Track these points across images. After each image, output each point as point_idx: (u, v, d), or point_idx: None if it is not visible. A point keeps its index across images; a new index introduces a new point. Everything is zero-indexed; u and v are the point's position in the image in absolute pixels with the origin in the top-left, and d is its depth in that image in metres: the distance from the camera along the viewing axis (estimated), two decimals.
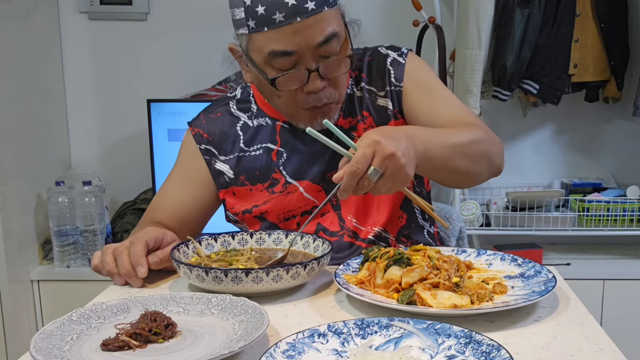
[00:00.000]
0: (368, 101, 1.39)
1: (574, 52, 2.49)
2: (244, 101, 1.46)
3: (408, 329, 0.90)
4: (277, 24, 1.20)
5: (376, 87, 1.40)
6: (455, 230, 1.69)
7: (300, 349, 0.86)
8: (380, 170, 1.05)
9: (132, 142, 2.84)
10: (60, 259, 2.60)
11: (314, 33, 1.21)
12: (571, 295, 1.09)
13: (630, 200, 2.55)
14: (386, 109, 1.39)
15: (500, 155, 1.31)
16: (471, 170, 1.25)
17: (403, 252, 1.09)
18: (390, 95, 1.39)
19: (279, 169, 1.40)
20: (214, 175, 1.43)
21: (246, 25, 1.23)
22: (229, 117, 1.45)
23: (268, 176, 1.41)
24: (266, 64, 1.24)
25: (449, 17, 2.64)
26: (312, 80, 1.24)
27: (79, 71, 2.83)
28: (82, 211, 2.57)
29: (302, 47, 1.21)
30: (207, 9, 2.76)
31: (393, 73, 1.39)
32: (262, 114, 1.43)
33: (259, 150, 1.42)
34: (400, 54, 1.40)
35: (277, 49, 1.21)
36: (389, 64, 1.40)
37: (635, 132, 2.77)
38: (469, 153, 1.23)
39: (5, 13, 2.45)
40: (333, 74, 1.27)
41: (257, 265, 1.16)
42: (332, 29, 1.23)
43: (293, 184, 1.40)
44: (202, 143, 1.43)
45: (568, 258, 2.64)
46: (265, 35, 1.22)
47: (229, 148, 1.43)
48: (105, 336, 0.92)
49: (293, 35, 1.20)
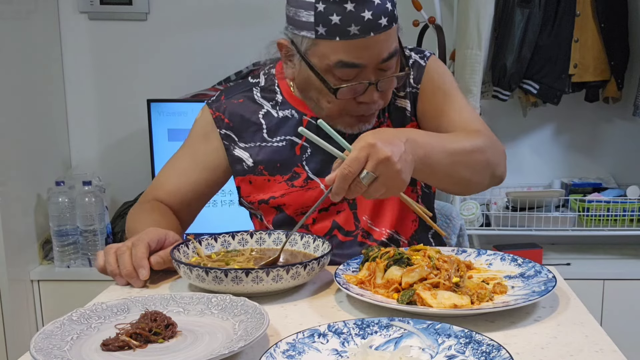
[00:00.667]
0: (389, 104, 1.38)
1: (574, 52, 2.49)
2: (268, 90, 1.43)
3: (408, 329, 0.90)
4: (351, 37, 1.20)
5: (396, 88, 1.38)
6: (456, 227, 1.69)
7: (300, 349, 0.86)
8: (373, 175, 1.03)
9: (132, 142, 2.84)
10: (61, 259, 2.60)
11: (382, 49, 1.23)
12: (571, 295, 1.09)
13: (630, 200, 2.55)
14: (405, 110, 1.39)
15: (502, 165, 1.31)
16: (471, 178, 1.25)
17: (403, 252, 1.09)
18: (409, 96, 1.39)
19: (302, 163, 1.39)
20: (232, 161, 1.42)
21: (314, 30, 1.22)
22: (252, 104, 1.42)
23: (289, 169, 1.39)
24: (328, 71, 1.24)
25: (449, 17, 2.64)
26: (370, 92, 1.26)
27: (79, 71, 2.83)
28: (82, 211, 2.57)
29: (369, 61, 1.23)
30: (207, 9, 2.76)
31: (412, 75, 1.39)
32: (288, 105, 1.41)
33: (283, 142, 1.40)
34: (422, 57, 1.40)
35: (346, 60, 1.22)
36: (410, 64, 1.39)
37: (635, 132, 2.77)
38: (470, 161, 1.23)
39: (5, 13, 2.45)
40: (388, 88, 1.29)
41: (255, 266, 1.16)
42: (395, 46, 1.26)
43: (315, 180, 1.39)
44: (223, 128, 1.42)
45: (568, 258, 2.64)
46: (335, 45, 1.21)
47: (249, 136, 1.41)
48: (106, 336, 0.92)
49: (363, 49, 1.21)
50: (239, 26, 2.75)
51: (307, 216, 1.17)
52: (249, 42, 2.66)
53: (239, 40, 2.75)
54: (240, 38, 2.74)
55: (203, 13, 2.76)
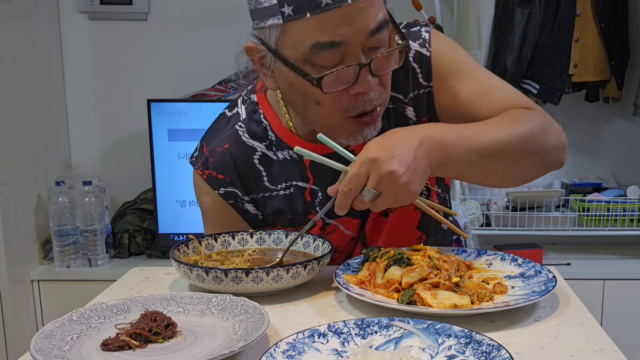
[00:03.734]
0: (395, 113, 1.19)
1: (574, 52, 2.49)
2: (255, 126, 1.22)
3: (408, 329, 0.90)
4: (323, 8, 0.97)
5: (401, 93, 1.18)
6: (461, 224, 1.68)
7: (301, 349, 0.86)
8: (375, 192, 0.96)
9: (132, 142, 2.84)
10: (61, 259, 2.60)
11: (366, 19, 1.00)
12: (571, 295, 1.09)
13: (630, 200, 2.55)
14: (409, 119, 1.19)
15: (559, 148, 1.13)
16: (511, 172, 1.11)
17: (403, 252, 1.09)
18: (414, 102, 1.18)
19: (316, 210, 1.22)
20: (246, 217, 1.25)
21: (280, 13, 1.00)
22: (242, 148, 1.21)
23: (303, 219, 1.23)
24: (305, 61, 1.02)
25: (449, 17, 2.64)
26: (363, 77, 1.02)
27: (79, 71, 2.83)
28: (82, 211, 2.57)
29: (352, 36, 1.00)
30: (207, 9, 2.76)
31: (419, 71, 1.17)
32: (283, 145, 1.20)
33: (290, 189, 1.22)
34: (422, 43, 1.17)
35: (323, 39, 0.99)
36: (411, 60, 1.17)
37: (635, 132, 2.77)
38: (508, 154, 1.07)
39: (5, 13, 2.45)
40: (385, 69, 1.06)
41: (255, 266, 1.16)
42: (383, 15, 1.03)
43: (332, 223, 1.24)
44: (221, 187, 1.22)
45: (568, 258, 2.63)
46: (306, 24, 0.99)
47: (252, 186, 1.23)
48: (106, 336, 0.92)
49: (342, 22, 0.98)
50: (239, 26, 2.74)
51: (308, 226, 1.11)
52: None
53: (239, 40, 2.74)
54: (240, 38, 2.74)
55: (203, 13, 2.76)
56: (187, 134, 2.53)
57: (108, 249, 2.67)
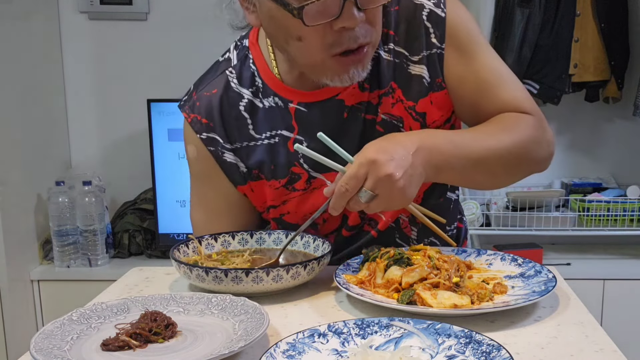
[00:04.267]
0: (399, 69, 1.13)
1: (574, 52, 2.49)
2: (244, 69, 1.18)
3: (408, 329, 0.90)
4: None
5: (408, 50, 1.12)
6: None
7: (301, 349, 0.86)
8: (372, 193, 0.96)
9: (132, 142, 2.84)
10: (61, 259, 2.60)
11: None
12: (571, 295, 1.09)
13: (630, 200, 2.55)
14: (421, 78, 1.12)
15: (547, 158, 1.15)
16: (499, 178, 1.13)
17: (403, 252, 1.09)
18: (427, 60, 1.12)
19: (299, 161, 1.17)
20: (226, 169, 1.20)
21: None
22: (230, 94, 1.18)
23: (286, 171, 1.18)
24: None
25: None
26: (347, 11, 0.96)
27: (79, 71, 2.83)
28: (82, 211, 2.57)
29: None
30: (207, 9, 2.75)
31: (433, 31, 1.11)
32: (270, 92, 1.16)
33: (274, 138, 1.17)
34: (437, 3, 1.12)
35: None
36: (425, 18, 1.12)
37: (635, 132, 2.77)
38: (499, 164, 1.08)
39: (5, 13, 2.45)
40: (373, 4, 0.99)
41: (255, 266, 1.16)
42: None
43: (318, 177, 1.18)
44: (203, 131, 1.19)
45: (568, 258, 2.63)
46: None
47: (235, 135, 1.18)
48: (106, 336, 0.92)
49: None
50: None
51: (304, 226, 1.10)
52: None
53: None
54: None
55: (203, 13, 2.76)
56: None
57: (108, 249, 2.67)
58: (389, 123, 1.15)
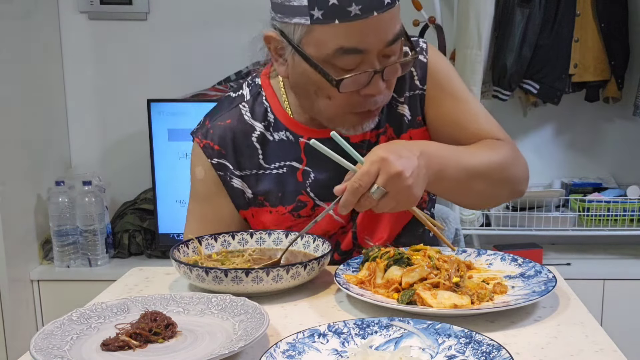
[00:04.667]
0: (389, 110, 1.27)
1: (574, 52, 2.49)
2: (258, 106, 1.29)
3: (408, 329, 0.90)
4: (352, 18, 1.05)
5: (396, 92, 1.25)
6: (451, 232, 1.68)
7: (301, 349, 0.86)
8: (383, 190, 1.00)
9: (132, 142, 2.84)
10: (61, 259, 2.60)
11: (387, 30, 1.09)
12: (571, 295, 1.09)
13: (630, 200, 2.55)
14: (403, 117, 1.27)
15: (524, 180, 1.25)
16: (488, 195, 1.21)
17: (403, 252, 1.09)
18: (409, 100, 1.27)
19: (306, 190, 1.27)
20: (232, 194, 1.29)
21: (308, 15, 1.06)
22: (242, 126, 1.28)
23: (293, 199, 1.28)
24: (327, 61, 1.09)
25: (449, 17, 2.64)
26: (375, 82, 1.11)
27: (79, 71, 2.83)
28: (82, 211, 2.57)
29: (373, 45, 1.08)
30: (207, 9, 2.76)
31: (416, 75, 1.26)
32: (281, 127, 1.27)
33: (283, 168, 1.28)
34: (419, 51, 1.26)
35: (347, 45, 1.07)
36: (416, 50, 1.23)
37: (635, 132, 2.77)
38: (489, 178, 1.17)
39: (5, 13, 2.45)
40: (394, 76, 1.15)
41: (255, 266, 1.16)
42: (400, 27, 1.12)
43: (322, 206, 1.28)
44: (214, 157, 1.28)
45: (568, 258, 2.63)
46: (333, 29, 1.06)
47: (245, 163, 1.28)
48: (105, 336, 0.92)
49: (366, 32, 1.07)
50: (239, 26, 2.74)
51: (309, 226, 1.13)
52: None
53: (239, 40, 2.74)
54: (240, 38, 2.74)
55: (203, 13, 2.76)
56: (187, 134, 2.50)
57: (108, 249, 2.67)
58: None
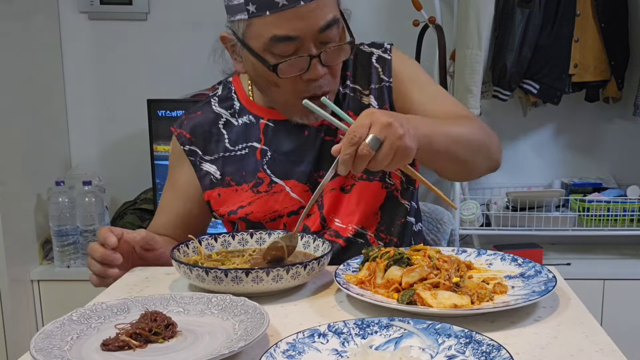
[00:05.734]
0: (353, 100, 1.38)
1: (574, 52, 2.49)
2: (226, 98, 1.44)
3: (408, 329, 0.90)
4: (280, 8, 1.18)
5: (361, 86, 1.38)
6: (446, 233, 1.68)
7: (301, 349, 0.86)
8: (379, 138, 1.03)
9: (132, 142, 2.84)
10: (61, 259, 2.60)
11: (317, 17, 1.20)
12: (571, 295, 1.09)
13: (630, 200, 2.55)
14: (370, 105, 1.37)
15: (498, 149, 1.31)
16: (470, 160, 1.26)
17: (403, 252, 1.09)
18: (375, 92, 1.38)
19: (263, 167, 1.38)
20: (200, 176, 1.42)
21: (245, 10, 1.21)
22: (210, 115, 1.42)
23: (253, 176, 1.39)
24: (266, 50, 1.22)
25: (449, 17, 2.64)
26: (314, 67, 1.23)
27: (79, 71, 2.83)
28: (82, 211, 2.57)
29: (305, 32, 1.20)
30: (207, 9, 2.76)
31: (381, 70, 1.38)
32: (245, 112, 1.41)
33: (245, 149, 1.40)
34: (384, 51, 1.40)
35: (279, 33, 1.20)
36: (374, 61, 1.39)
37: (635, 132, 2.77)
38: (468, 143, 1.24)
39: (5, 13, 2.45)
40: (334, 61, 1.26)
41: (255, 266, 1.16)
42: (333, 15, 1.23)
43: (279, 183, 1.38)
44: (186, 144, 1.42)
45: (568, 258, 2.64)
46: (266, 20, 1.20)
47: (213, 147, 1.41)
48: (106, 336, 0.92)
49: (295, 20, 1.19)
50: None
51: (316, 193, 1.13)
52: None
53: None
54: None
55: (203, 13, 2.76)
56: None
57: None
58: None
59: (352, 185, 1.38)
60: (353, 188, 1.39)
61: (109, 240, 1.21)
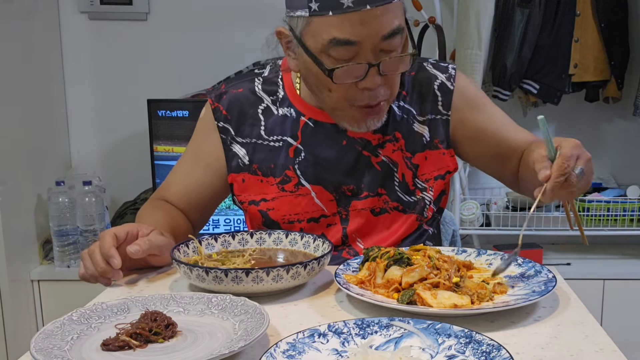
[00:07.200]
0: (403, 122, 1.33)
1: (574, 52, 2.49)
2: (271, 82, 1.36)
3: (408, 329, 0.90)
4: (344, 10, 1.11)
5: (416, 110, 1.33)
6: (448, 233, 1.67)
7: (301, 349, 0.86)
8: (583, 170, 1.07)
9: (132, 142, 2.84)
10: (61, 259, 2.60)
11: (381, 24, 1.13)
12: (571, 295, 1.09)
13: (630, 200, 2.55)
14: (422, 136, 1.33)
15: None
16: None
17: (403, 252, 1.09)
18: (429, 123, 1.33)
19: (294, 166, 1.33)
20: (228, 156, 1.36)
21: (307, 7, 1.14)
22: (251, 96, 1.36)
23: (282, 171, 1.34)
24: (322, 52, 1.16)
25: (449, 17, 2.64)
26: (371, 75, 1.16)
27: (79, 71, 2.83)
28: (82, 211, 2.57)
29: (366, 38, 1.13)
30: (207, 9, 2.76)
31: (440, 100, 1.32)
32: (288, 103, 1.34)
33: (279, 142, 1.34)
34: (448, 77, 1.34)
35: (340, 37, 1.13)
36: (436, 87, 1.33)
37: (635, 132, 2.77)
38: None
39: (5, 13, 2.45)
40: (392, 72, 1.19)
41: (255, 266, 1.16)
42: (399, 23, 1.16)
43: (306, 186, 1.33)
44: (221, 120, 1.36)
45: (568, 258, 2.63)
46: (327, 20, 1.13)
47: (247, 130, 1.35)
48: (106, 336, 0.92)
49: (359, 24, 1.12)
50: (239, 26, 2.74)
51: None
52: (249, 42, 2.66)
53: (239, 40, 2.74)
54: (240, 38, 2.74)
55: (203, 13, 2.76)
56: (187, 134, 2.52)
57: None
58: (386, 164, 1.34)
59: (381, 209, 1.34)
60: (386, 216, 1.35)
61: (112, 262, 1.14)
